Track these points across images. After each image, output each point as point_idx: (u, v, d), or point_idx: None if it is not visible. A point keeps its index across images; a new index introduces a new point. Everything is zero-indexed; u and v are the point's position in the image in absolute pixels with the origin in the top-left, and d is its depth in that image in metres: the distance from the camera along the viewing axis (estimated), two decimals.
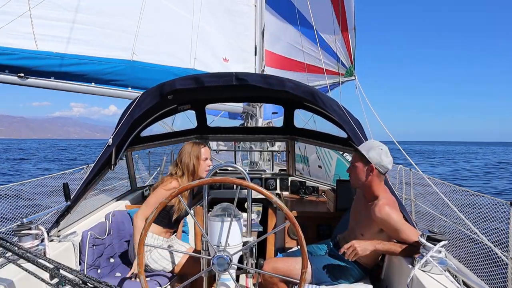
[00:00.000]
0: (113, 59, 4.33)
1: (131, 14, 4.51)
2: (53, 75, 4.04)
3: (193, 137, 3.89)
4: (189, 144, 2.55)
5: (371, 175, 2.06)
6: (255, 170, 5.45)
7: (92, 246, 2.34)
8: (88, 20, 4.31)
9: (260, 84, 2.24)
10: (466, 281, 1.79)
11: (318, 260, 2.22)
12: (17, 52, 3.84)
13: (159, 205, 1.53)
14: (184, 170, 2.46)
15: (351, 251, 1.96)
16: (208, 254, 1.79)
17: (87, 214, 2.77)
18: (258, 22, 5.75)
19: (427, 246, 1.77)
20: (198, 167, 2.47)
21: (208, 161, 2.54)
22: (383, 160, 2.04)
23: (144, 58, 4.51)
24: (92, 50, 4.25)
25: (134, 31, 4.45)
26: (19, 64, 3.86)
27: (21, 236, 1.89)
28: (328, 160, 7.04)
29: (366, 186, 2.11)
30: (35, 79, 3.98)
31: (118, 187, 4.62)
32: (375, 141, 2.13)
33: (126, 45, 4.42)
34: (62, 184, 2.32)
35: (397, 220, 1.95)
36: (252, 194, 1.85)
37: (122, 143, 2.63)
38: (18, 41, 3.87)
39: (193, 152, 2.48)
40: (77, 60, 4.14)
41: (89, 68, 4.20)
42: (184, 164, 2.46)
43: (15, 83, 3.93)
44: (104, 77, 4.29)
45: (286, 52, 9.03)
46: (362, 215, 2.16)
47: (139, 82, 4.38)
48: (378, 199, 2.05)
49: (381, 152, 2.05)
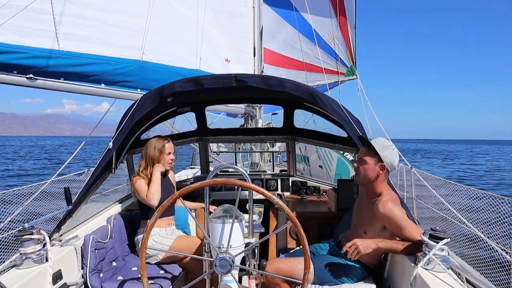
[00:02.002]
0: (124, 59, 4.16)
1: (140, 12, 4.37)
2: (62, 76, 3.85)
3: (193, 139, 3.90)
4: (155, 138, 2.77)
5: (380, 174, 2.07)
6: (256, 171, 5.46)
7: (94, 250, 2.33)
8: (97, 17, 4.12)
9: (259, 85, 2.24)
10: (469, 279, 1.78)
11: (321, 260, 2.22)
12: (26, 51, 3.61)
13: (160, 208, 1.53)
14: (148, 162, 2.67)
15: (353, 249, 1.96)
16: (210, 256, 1.79)
17: (89, 218, 2.77)
18: (256, 23, 5.77)
19: (430, 244, 1.77)
20: (160, 160, 2.69)
21: (172, 155, 2.77)
22: (395, 161, 2.07)
23: (152, 58, 4.37)
24: (102, 49, 4.07)
25: (143, 29, 4.30)
26: (28, 64, 3.63)
27: (23, 241, 1.89)
28: (329, 160, 7.03)
29: (372, 184, 2.11)
30: (45, 81, 3.76)
31: (119, 190, 4.62)
32: (386, 140, 2.13)
33: (136, 44, 4.27)
34: (63, 189, 2.32)
35: (400, 216, 1.95)
36: (253, 195, 1.85)
37: (122, 146, 2.63)
38: (25, 38, 3.63)
39: (157, 145, 2.70)
40: (89, 59, 3.95)
41: (100, 68, 4.02)
42: (148, 157, 2.68)
43: (24, 85, 3.72)
44: (115, 78, 4.12)
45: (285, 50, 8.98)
46: (365, 212, 2.16)
47: (149, 83, 4.21)
48: (382, 195, 2.05)
49: (393, 153, 2.07)
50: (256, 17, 5.73)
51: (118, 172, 3.01)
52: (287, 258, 2.36)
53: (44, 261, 1.91)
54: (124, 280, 2.32)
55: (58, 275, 2.02)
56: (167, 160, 2.75)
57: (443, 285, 1.63)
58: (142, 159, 2.71)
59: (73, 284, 2.12)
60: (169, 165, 2.79)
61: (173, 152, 2.81)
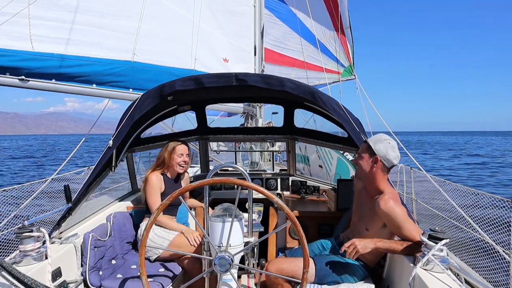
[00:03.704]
0: (114, 60, 4.27)
1: (132, 14, 4.45)
2: (54, 77, 3.98)
3: (193, 138, 3.89)
4: (172, 141, 2.88)
5: (375, 167, 2.07)
6: (256, 170, 5.45)
7: (94, 248, 2.34)
8: (88, 20, 4.24)
9: (260, 85, 2.23)
10: (468, 280, 1.78)
11: (321, 260, 2.22)
12: (18, 54, 3.77)
13: (160, 206, 1.54)
14: (160, 161, 2.81)
15: (352, 249, 1.96)
16: (209, 255, 1.79)
17: (89, 216, 2.77)
18: (257, 23, 5.76)
19: (429, 244, 1.77)
20: (170, 161, 2.79)
21: (184, 157, 2.83)
22: (389, 154, 2.05)
23: (145, 59, 4.45)
24: (92, 51, 4.19)
25: (135, 31, 4.39)
26: (20, 66, 3.79)
27: (23, 239, 1.89)
28: (329, 160, 7.03)
29: (369, 179, 2.12)
30: (36, 82, 3.90)
31: (119, 188, 4.62)
32: (384, 135, 2.14)
33: (127, 46, 4.36)
34: (63, 186, 2.32)
35: (401, 215, 1.95)
36: (253, 194, 1.85)
37: (122, 144, 2.63)
38: (18, 43, 3.81)
39: (169, 147, 2.82)
40: (78, 61, 4.07)
41: (91, 69, 4.14)
42: (160, 156, 2.83)
43: (16, 86, 3.87)
44: (106, 78, 4.23)
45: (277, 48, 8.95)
46: (366, 209, 2.16)
47: (140, 83, 4.33)
48: (383, 193, 2.04)
49: (388, 146, 2.06)
50: (257, 16, 5.73)
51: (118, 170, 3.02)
52: (288, 258, 2.36)
53: (44, 259, 1.91)
54: (123, 278, 2.32)
55: (58, 273, 2.02)
56: (179, 162, 2.80)
57: (442, 286, 1.63)
58: (156, 158, 2.85)
59: (72, 282, 2.12)
60: (181, 168, 2.84)
61: (187, 154, 2.85)
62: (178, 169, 2.83)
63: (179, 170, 2.84)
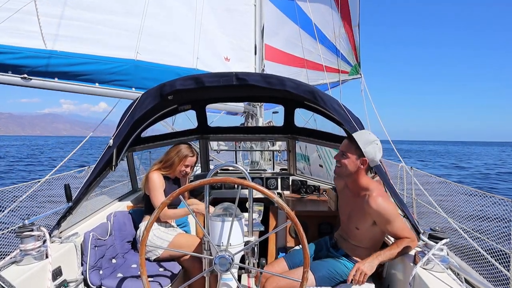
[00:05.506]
0: (118, 58, 4.23)
1: (135, 12, 4.41)
2: (57, 76, 3.93)
3: (193, 137, 3.89)
4: (185, 145, 2.85)
5: (361, 168, 2.06)
6: (256, 169, 5.45)
7: (94, 247, 2.34)
8: (91, 18, 4.20)
9: (260, 84, 2.23)
10: (468, 279, 1.78)
11: (319, 267, 2.17)
12: (20, 51, 3.72)
13: (161, 206, 1.54)
14: (168, 164, 2.77)
15: (359, 274, 1.93)
16: (210, 254, 1.79)
17: (89, 215, 2.77)
18: (257, 22, 5.75)
19: (429, 244, 1.77)
20: (176, 167, 2.76)
21: (188, 169, 2.82)
22: (377, 156, 2.04)
23: (147, 58, 4.41)
24: (96, 49, 4.15)
25: (138, 29, 4.36)
26: (22, 64, 3.74)
27: (23, 238, 1.89)
28: (329, 159, 7.03)
29: (353, 177, 2.11)
30: (39, 80, 3.85)
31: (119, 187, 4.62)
32: (371, 135, 2.07)
33: (130, 44, 4.32)
34: (64, 186, 2.32)
35: (391, 212, 1.95)
36: (253, 193, 1.85)
37: (123, 144, 2.63)
38: (21, 40, 3.75)
39: (181, 153, 2.78)
40: (82, 59, 4.03)
41: (94, 67, 4.09)
42: (168, 158, 2.78)
43: (19, 84, 3.82)
44: (109, 77, 4.18)
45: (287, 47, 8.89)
46: (354, 208, 2.14)
47: (143, 82, 4.28)
48: (370, 190, 2.03)
49: (376, 148, 2.04)
50: (257, 15, 5.72)
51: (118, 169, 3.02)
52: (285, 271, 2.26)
53: (44, 258, 1.92)
54: (123, 277, 2.33)
55: (58, 272, 2.03)
56: (182, 170, 2.81)
57: (442, 285, 1.63)
58: (164, 156, 2.81)
59: (72, 281, 2.12)
60: (183, 177, 2.90)
61: (191, 166, 2.87)
62: (178, 175, 2.87)
63: (178, 176, 2.89)
